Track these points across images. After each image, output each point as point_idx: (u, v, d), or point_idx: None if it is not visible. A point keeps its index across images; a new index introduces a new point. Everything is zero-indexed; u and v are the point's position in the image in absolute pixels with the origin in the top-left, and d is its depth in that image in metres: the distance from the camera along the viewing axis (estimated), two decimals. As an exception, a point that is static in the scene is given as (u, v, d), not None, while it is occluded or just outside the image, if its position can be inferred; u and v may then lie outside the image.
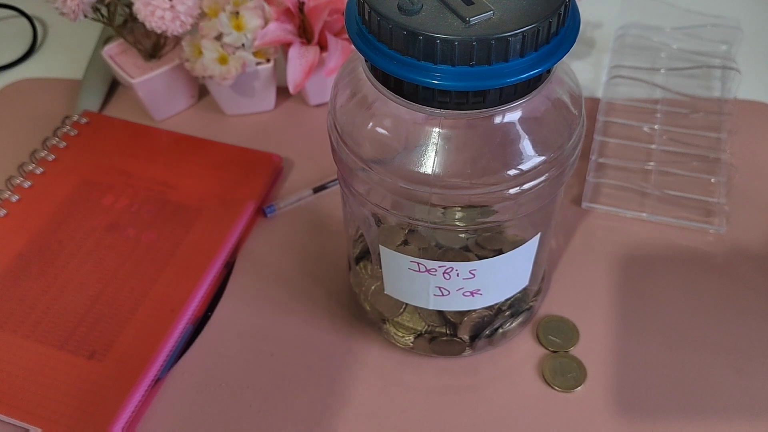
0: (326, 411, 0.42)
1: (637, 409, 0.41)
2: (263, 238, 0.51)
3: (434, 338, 0.43)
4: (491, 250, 0.40)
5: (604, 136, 0.55)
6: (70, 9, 0.52)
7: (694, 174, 0.53)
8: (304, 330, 0.45)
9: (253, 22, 0.53)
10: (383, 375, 0.43)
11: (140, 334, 0.44)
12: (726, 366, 0.43)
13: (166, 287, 0.46)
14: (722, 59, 0.61)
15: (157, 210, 0.51)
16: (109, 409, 0.41)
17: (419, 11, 0.29)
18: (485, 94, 0.30)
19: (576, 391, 0.42)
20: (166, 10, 0.52)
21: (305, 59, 0.54)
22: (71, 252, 0.49)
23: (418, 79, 0.29)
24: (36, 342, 0.44)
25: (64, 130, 0.57)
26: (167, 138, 0.57)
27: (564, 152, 0.34)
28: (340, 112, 0.35)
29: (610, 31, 0.66)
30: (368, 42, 0.30)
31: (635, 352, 0.44)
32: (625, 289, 0.47)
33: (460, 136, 0.33)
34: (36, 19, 0.71)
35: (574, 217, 0.51)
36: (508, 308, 0.43)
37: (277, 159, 0.55)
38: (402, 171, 0.33)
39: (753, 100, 0.60)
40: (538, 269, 0.43)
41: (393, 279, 0.40)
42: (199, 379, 0.43)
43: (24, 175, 0.54)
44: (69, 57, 0.67)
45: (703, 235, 0.50)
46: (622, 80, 0.59)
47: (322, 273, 0.48)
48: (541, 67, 0.29)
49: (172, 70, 0.57)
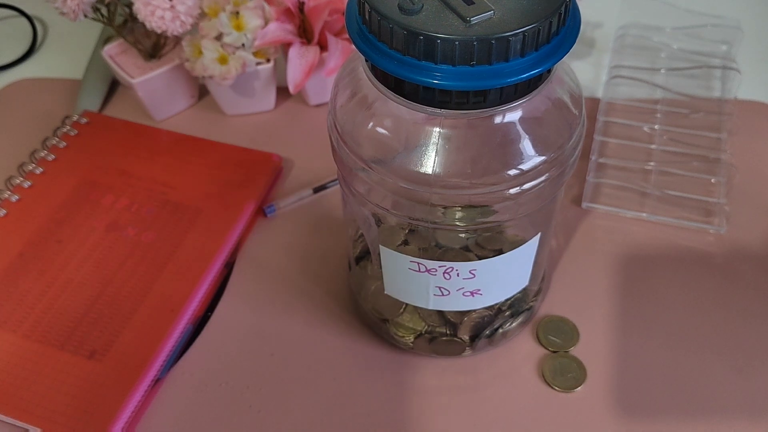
0: (326, 411, 0.42)
1: (637, 409, 0.41)
2: (263, 238, 0.51)
3: (434, 338, 0.43)
4: (491, 250, 0.40)
5: (604, 136, 0.55)
6: (70, 9, 0.52)
7: (694, 174, 0.53)
8: (304, 330, 0.45)
9: (253, 22, 0.53)
10: (383, 375, 0.43)
11: (140, 334, 0.44)
12: (726, 366, 0.43)
13: (166, 287, 0.46)
14: (722, 59, 0.61)
15: (157, 210, 0.51)
16: (109, 409, 0.41)
17: (420, 11, 0.29)
18: (486, 94, 0.30)
19: (576, 391, 0.42)
20: (166, 10, 0.52)
21: (305, 59, 0.54)
22: (71, 252, 0.49)
23: (418, 79, 0.29)
24: (36, 342, 0.44)
25: (64, 130, 0.57)
26: (167, 138, 0.57)
27: (564, 152, 0.34)
28: (340, 112, 0.35)
29: (610, 31, 0.66)
30: (369, 42, 0.30)
31: (635, 352, 0.44)
32: (625, 289, 0.47)
33: (461, 136, 0.33)
34: (36, 19, 0.71)
35: (574, 217, 0.51)
36: (508, 308, 0.43)
37: (277, 159, 0.55)
38: (402, 171, 0.33)
39: (753, 100, 0.60)
40: (538, 269, 0.43)
41: (393, 279, 0.40)
42: (199, 379, 0.43)
43: (24, 175, 0.54)
44: (69, 57, 0.67)
45: (703, 235, 0.50)
46: (622, 80, 0.59)
47: (322, 273, 0.48)
48: (541, 67, 0.29)
49: (172, 70, 0.57)
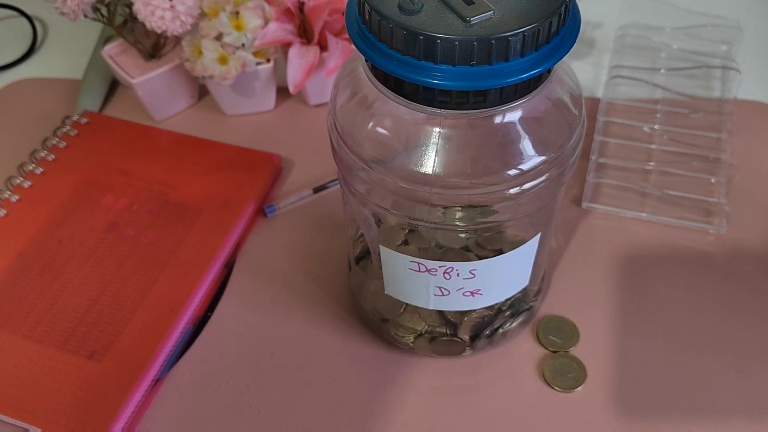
0: (326, 411, 0.42)
1: (637, 409, 0.41)
2: (263, 238, 0.51)
3: (434, 338, 0.43)
4: (491, 250, 0.40)
5: (604, 136, 0.55)
6: (70, 9, 0.52)
7: (694, 174, 0.53)
8: (304, 330, 0.45)
9: (253, 22, 0.53)
10: (383, 375, 0.43)
11: (140, 334, 0.44)
12: (726, 366, 0.43)
13: (166, 287, 0.46)
14: (722, 59, 0.61)
15: (157, 210, 0.51)
16: (109, 409, 0.41)
17: (420, 11, 0.29)
18: (486, 94, 0.30)
19: (576, 391, 0.42)
20: (166, 10, 0.52)
21: (305, 59, 0.54)
22: (71, 252, 0.49)
23: (418, 79, 0.29)
24: (36, 342, 0.44)
25: (64, 130, 0.57)
26: (167, 138, 0.57)
27: (564, 152, 0.34)
28: (340, 112, 0.35)
29: (610, 31, 0.66)
30: (369, 42, 0.30)
31: (635, 352, 0.44)
32: (625, 289, 0.47)
33: (461, 136, 0.33)
34: (36, 19, 0.71)
35: (574, 217, 0.51)
36: (508, 308, 0.43)
37: (277, 159, 0.55)
38: (402, 171, 0.33)
39: (753, 100, 0.60)
40: (538, 269, 0.43)
41: (393, 279, 0.40)
42: (199, 379, 0.43)
43: (24, 175, 0.54)
44: (69, 57, 0.67)
45: (703, 235, 0.50)
46: (622, 80, 0.59)
47: (322, 273, 0.48)
48: (541, 67, 0.29)
49: (172, 70, 0.57)
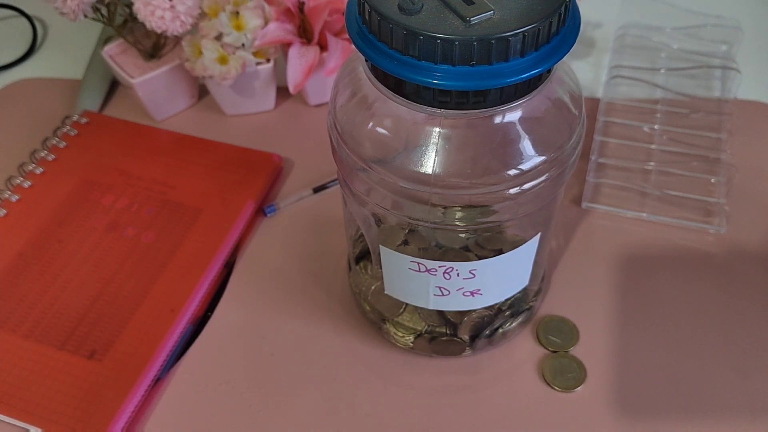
0: (326, 411, 0.42)
1: (637, 409, 0.41)
2: (263, 238, 0.51)
3: (434, 338, 0.43)
4: (491, 250, 0.40)
5: (604, 136, 0.55)
6: (70, 9, 0.52)
7: (694, 174, 0.53)
8: (304, 330, 0.45)
9: (253, 22, 0.53)
10: (383, 375, 0.43)
11: (140, 334, 0.44)
12: (726, 366, 0.43)
13: (166, 287, 0.46)
14: (722, 59, 0.61)
15: (157, 210, 0.51)
16: (109, 409, 0.41)
17: (419, 11, 0.29)
18: (486, 94, 0.30)
19: (576, 391, 0.42)
20: (166, 10, 0.52)
21: (305, 59, 0.54)
22: (71, 252, 0.49)
23: (418, 79, 0.29)
24: (36, 342, 0.44)
25: (64, 130, 0.57)
26: (167, 138, 0.57)
27: (564, 152, 0.34)
28: (340, 111, 0.35)
29: (610, 31, 0.66)
30: (368, 42, 0.30)
31: (635, 352, 0.44)
32: (625, 289, 0.47)
33: (461, 136, 0.33)
34: (36, 19, 0.71)
35: (574, 217, 0.51)
36: (508, 308, 0.43)
37: (277, 159, 0.55)
38: (402, 171, 0.33)
39: (753, 100, 0.60)
40: (538, 269, 0.43)
41: (393, 279, 0.40)
42: (199, 379, 0.43)
43: (24, 175, 0.54)
44: (69, 57, 0.67)
45: (703, 235, 0.50)
46: (622, 80, 0.59)
47: (322, 273, 0.48)
48: (541, 67, 0.29)
49: (172, 70, 0.57)
